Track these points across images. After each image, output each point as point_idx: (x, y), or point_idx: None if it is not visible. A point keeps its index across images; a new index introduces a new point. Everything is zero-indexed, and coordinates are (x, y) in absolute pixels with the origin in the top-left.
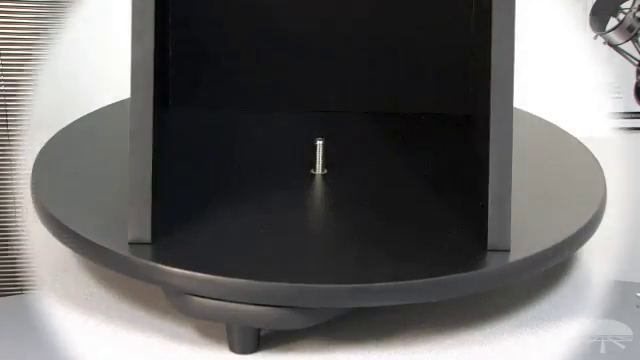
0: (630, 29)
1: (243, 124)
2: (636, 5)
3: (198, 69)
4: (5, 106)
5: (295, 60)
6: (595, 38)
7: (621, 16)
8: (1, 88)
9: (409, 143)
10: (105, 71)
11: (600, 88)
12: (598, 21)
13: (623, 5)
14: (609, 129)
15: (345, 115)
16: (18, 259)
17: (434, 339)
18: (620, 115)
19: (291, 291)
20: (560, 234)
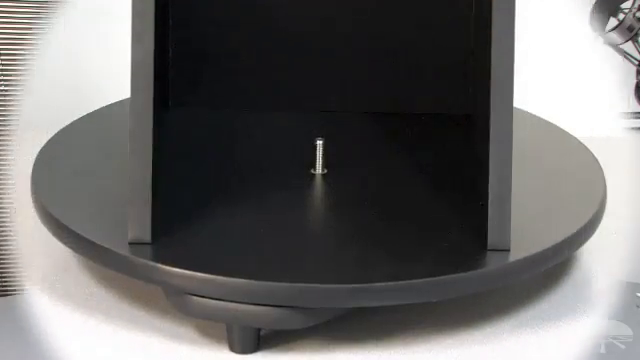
0: (630, 29)
1: (243, 124)
2: (636, 5)
3: (198, 69)
4: (5, 106)
5: (295, 60)
6: (595, 38)
7: (621, 16)
8: (1, 88)
9: (409, 143)
10: (105, 71)
11: (600, 88)
12: (598, 21)
13: (623, 5)
14: (609, 129)
15: (345, 115)
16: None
17: (434, 339)
18: (620, 115)
19: (291, 291)
20: (560, 234)
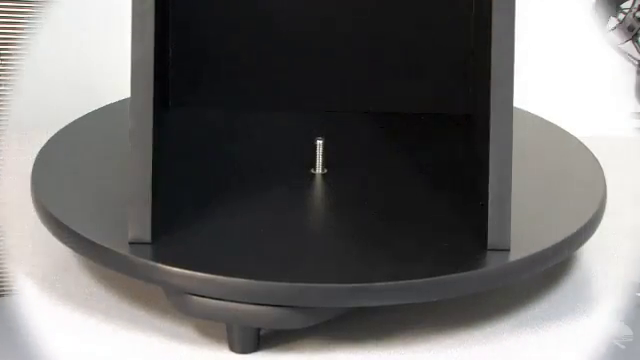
0: (630, 29)
1: (243, 124)
2: (636, 5)
3: (198, 69)
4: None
5: (295, 60)
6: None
7: (621, 16)
8: (1, 88)
9: (409, 143)
10: (105, 71)
11: (600, 88)
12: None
13: (623, 5)
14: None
15: (345, 115)
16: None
17: (434, 339)
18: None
19: (291, 291)
20: (560, 234)
